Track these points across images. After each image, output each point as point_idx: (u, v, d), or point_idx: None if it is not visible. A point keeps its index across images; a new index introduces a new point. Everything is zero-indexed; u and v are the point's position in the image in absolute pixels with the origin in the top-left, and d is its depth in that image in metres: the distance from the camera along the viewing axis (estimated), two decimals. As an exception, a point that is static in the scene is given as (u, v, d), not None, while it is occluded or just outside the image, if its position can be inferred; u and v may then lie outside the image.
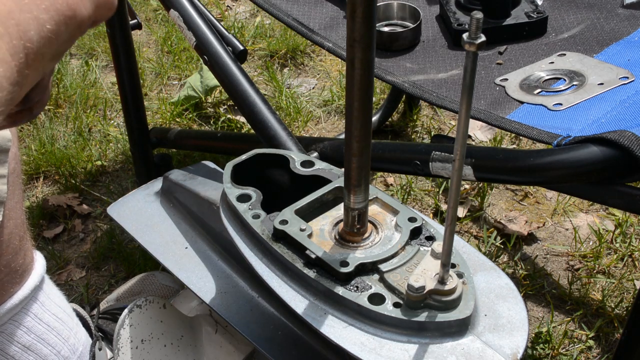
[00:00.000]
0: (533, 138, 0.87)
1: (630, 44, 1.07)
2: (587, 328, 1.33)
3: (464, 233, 1.54)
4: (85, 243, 1.54)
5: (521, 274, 1.43)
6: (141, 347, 1.03)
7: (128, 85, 1.37)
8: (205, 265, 0.96)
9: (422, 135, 1.80)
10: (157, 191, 1.09)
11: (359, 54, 0.59)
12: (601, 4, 1.18)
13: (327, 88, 1.97)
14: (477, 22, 0.50)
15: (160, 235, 1.01)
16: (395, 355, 0.65)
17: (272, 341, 0.87)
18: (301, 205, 0.77)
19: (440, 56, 1.12)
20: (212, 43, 1.15)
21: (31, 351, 0.91)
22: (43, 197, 1.64)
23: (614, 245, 1.49)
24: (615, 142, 0.77)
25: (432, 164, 0.90)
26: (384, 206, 0.78)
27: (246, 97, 1.07)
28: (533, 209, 1.59)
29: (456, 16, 1.15)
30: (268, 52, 2.13)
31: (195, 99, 1.89)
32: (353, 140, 0.65)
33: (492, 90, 1.02)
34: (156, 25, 2.27)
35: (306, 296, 0.71)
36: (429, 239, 0.74)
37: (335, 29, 1.19)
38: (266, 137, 1.03)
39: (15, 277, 0.87)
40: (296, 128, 1.83)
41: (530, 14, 1.13)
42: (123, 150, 1.77)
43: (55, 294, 0.96)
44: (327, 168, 0.84)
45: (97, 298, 1.40)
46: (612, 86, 0.96)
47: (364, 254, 0.72)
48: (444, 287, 0.66)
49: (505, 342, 0.66)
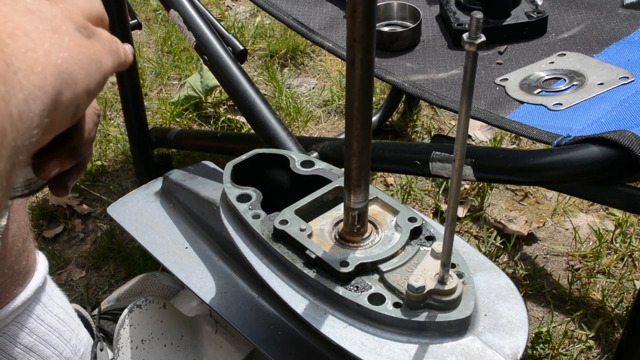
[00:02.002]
0: (533, 138, 0.87)
1: (630, 44, 1.07)
2: (587, 328, 1.33)
3: (464, 233, 1.54)
4: (85, 243, 1.54)
5: (521, 274, 1.43)
6: (141, 347, 1.03)
7: (128, 85, 1.37)
8: (205, 265, 0.96)
9: (422, 135, 1.80)
10: (157, 191, 1.09)
11: (359, 54, 0.59)
12: (601, 4, 1.18)
13: (327, 88, 1.97)
14: (477, 22, 0.50)
15: (160, 235, 1.01)
16: (395, 355, 0.65)
17: (272, 341, 0.87)
18: (301, 205, 0.77)
19: (440, 56, 1.12)
20: (212, 43, 1.15)
21: (33, 352, 0.91)
22: (43, 197, 1.64)
23: (614, 245, 1.49)
24: (615, 142, 0.77)
25: (432, 164, 0.90)
26: (384, 206, 0.78)
27: (246, 97, 1.07)
28: (533, 209, 1.59)
29: (456, 16, 1.15)
30: (268, 52, 2.13)
31: (195, 99, 1.89)
32: (353, 140, 0.65)
33: (492, 90, 1.02)
34: (156, 25, 2.27)
35: (306, 296, 0.71)
36: (429, 239, 0.74)
37: (335, 29, 1.19)
38: (266, 137, 1.03)
39: (18, 278, 0.87)
40: (296, 128, 1.83)
41: (530, 14, 1.13)
42: (123, 150, 1.77)
43: (57, 295, 0.96)
44: (327, 168, 0.84)
45: (97, 298, 1.40)
46: (612, 86, 0.96)
47: (364, 254, 0.72)
48: (444, 287, 0.66)
49: (505, 342, 0.66)
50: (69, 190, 0.58)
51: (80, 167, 0.58)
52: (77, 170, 0.57)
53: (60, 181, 0.56)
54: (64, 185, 0.57)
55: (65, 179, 0.56)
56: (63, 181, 0.56)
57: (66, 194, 0.58)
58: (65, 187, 0.57)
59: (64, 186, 0.57)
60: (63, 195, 0.57)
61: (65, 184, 0.57)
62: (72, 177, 0.57)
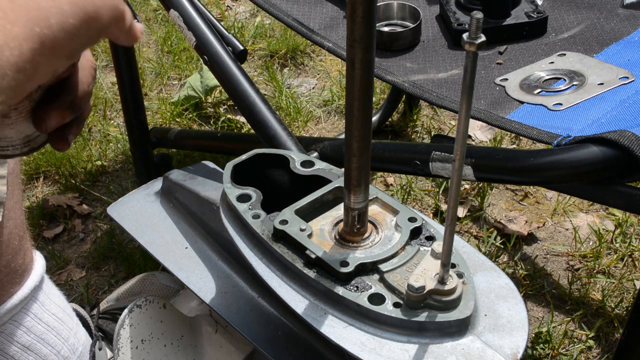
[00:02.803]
0: (533, 138, 0.87)
1: (630, 44, 1.07)
2: (587, 328, 1.33)
3: (464, 233, 1.54)
4: (85, 243, 1.54)
5: (521, 274, 1.43)
6: (141, 347, 1.03)
7: (128, 85, 1.37)
8: (205, 265, 0.96)
9: (422, 135, 1.80)
10: (157, 191, 1.09)
11: (359, 54, 0.59)
12: (601, 4, 1.18)
13: (327, 88, 1.97)
14: (477, 22, 0.50)
15: (160, 235, 1.01)
16: (395, 355, 0.65)
17: (272, 341, 0.87)
18: (301, 205, 0.77)
19: (440, 56, 1.12)
20: (212, 43, 1.15)
21: (31, 351, 0.91)
22: (43, 197, 1.64)
23: (614, 245, 1.49)
24: (615, 142, 0.77)
25: (432, 164, 0.90)
26: (384, 206, 0.78)
27: (246, 97, 1.07)
28: (533, 209, 1.59)
29: (456, 16, 1.15)
30: (268, 52, 2.13)
31: (195, 99, 1.89)
32: (353, 140, 0.65)
33: (492, 90, 1.02)
34: (156, 25, 2.27)
35: (306, 296, 0.71)
36: (429, 239, 0.74)
37: (335, 29, 1.19)
38: (266, 137, 1.03)
39: (15, 277, 0.87)
40: (296, 128, 1.83)
41: (530, 14, 1.13)
42: (123, 150, 1.77)
43: (55, 294, 0.96)
44: (327, 168, 0.84)
45: (97, 298, 1.40)
46: (612, 86, 0.96)
47: (364, 254, 0.72)
48: (444, 287, 0.66)
49: (505, 342, 0.66)
50: (69, 144, 0.59)
51: (79, 121, 0.59)
52: (77, 124, 0.58)
53: (61, 134, 0.57)
54: (64, 138, 0.58)
55: (66, 132, 0.57)
56: (64, 134, 0.57)
57: (67, 147, 0.59)
58: (66, 140, 0.58)
59: (65, 139, 0.58)
60: (64, 149, 0.58)
61: (66, 137, 0.58)
62: (72, 131, 0.58)
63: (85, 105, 0.58)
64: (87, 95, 0.58)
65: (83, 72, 0.57)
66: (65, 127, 0.57)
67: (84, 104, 0.57)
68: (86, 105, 0.58)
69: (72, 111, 0.56)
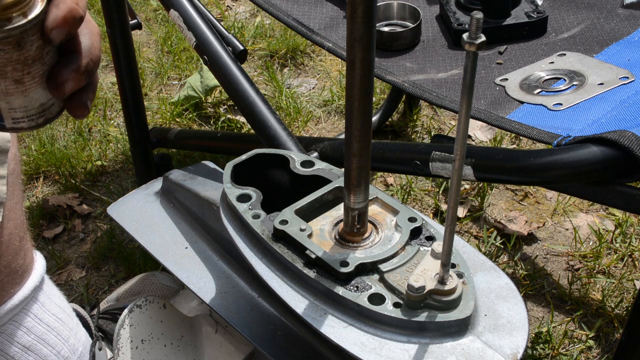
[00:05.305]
0: (533, 138, 0.88)
1: (630, 44, 1.07)
2: (587, 328, 1.33)
3: (464, 233, 1.54)
4: (85, 243, 1.54)
5: (521, 274, 1.43)
6: (141, 347, 1.03)
7: (128, 85, 1.37)
8: (205, 265, 0.96)
9: (422, 135, 1.80)
10: (157, 191, 1.09)
11: (359, 54, 0.59)
12: (601, 4, 1.18)
13: (327, 88, 1.97)
14: (477, 22, 0.50)
15: (160, 235, 1.01)
16: (395, 355, 0.65)
17: (272, 341, 0.87)
18: (301, 205, 0.77)
19: (440, 56, 1.12)
20: (212, 43, 1.15)
21: (31, 351, 0.91)
22: (43, 197, 1.64)
23: (614, 245, 1.49)
24: (615, 142, 0.77)
25: (432, 164, 0.90)
26: (384, 206, 0.78)
27: (246, 97, 1.07)
28: (533, 209, 1.59)
29: (456, 16, 1.15)
30: (268, 52, 2.13)
31: (195, 99, 1.89)
32: (353, 140, 0.65)
33: (492, 90, 1.02)
34: (156, 25, 2.27)
35: (306, 296, 0.71)
36: (429, 239, 0.74)
37: (335, 29, 1.19)
38: (266, 137, 1.03)
39: (15, 277, 0.87)
40: (296, 128, 1.83)
41: (530, 14, 1.13)
42: (123, 150, 1.77)
43: (55, 294, 0.96)
44: (327, 168, 0.84)
45: (97, 298, 1.40)
46: (612, 86, 0.96)
47: (364, 254, 0.72)
48: (444, 287, 0.66)
49: (505, 342, 0.66)
50: (89, 109, 0.58)
51: (93, 86, 0.59)
52: (92, 88, 0.58)
53: (79, 99, 0.57)
54: (84, 103, 0.58)
55: (84, 97, 0.57)
56: (82, 99, 0.57)
57: (87, 113, 0.58)
58: (86, 105, 0.58)
59: (84, 104, 0.58)
60: (85, 114, 0.58)
61: (84, 102, 0.58)
62: (88, 96, 0.58)
63: (96, 70, 0.58)
64: (98, 59, 0.58)
65: (93, 36, 0.57)
66: (81, 92, 0.58)
67: (96, 68, 0.58)
68: (96, 71, 0.59)
69: (86, 74, 0.56)
